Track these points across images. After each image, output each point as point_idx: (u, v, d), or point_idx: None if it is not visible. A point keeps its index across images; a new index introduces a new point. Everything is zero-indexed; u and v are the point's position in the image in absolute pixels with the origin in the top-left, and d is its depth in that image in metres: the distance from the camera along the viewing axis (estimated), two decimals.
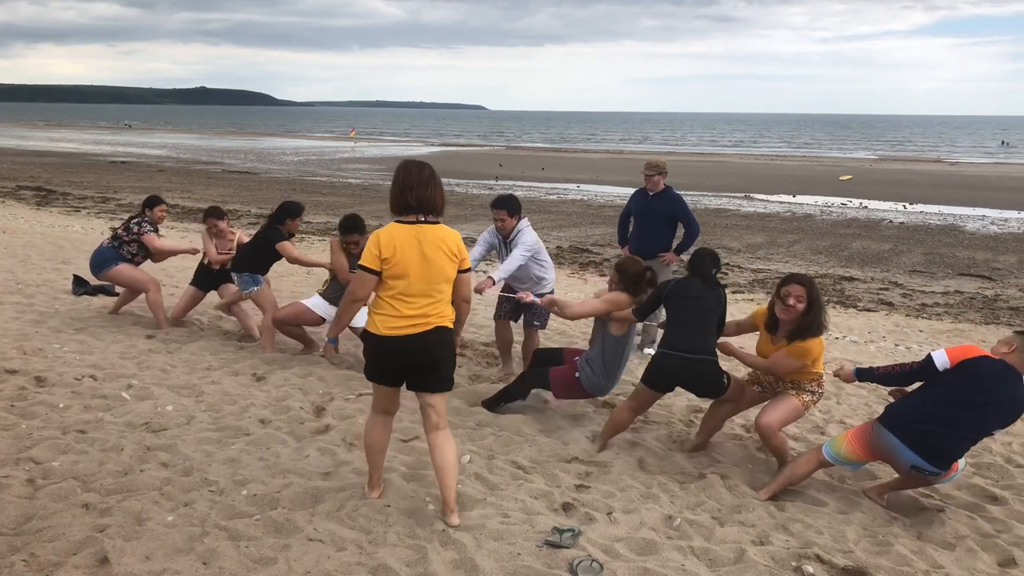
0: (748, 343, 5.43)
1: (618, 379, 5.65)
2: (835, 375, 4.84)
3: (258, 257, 7.05)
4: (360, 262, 3.92)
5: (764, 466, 5.08)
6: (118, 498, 4.11)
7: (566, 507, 4.27)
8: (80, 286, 8.94)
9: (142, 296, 7.82)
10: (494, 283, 6.26)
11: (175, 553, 3.61)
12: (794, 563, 3.83)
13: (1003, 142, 74.62)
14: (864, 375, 4.63)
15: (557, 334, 8.27)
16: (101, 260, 7.51)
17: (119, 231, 7.64)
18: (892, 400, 4.72)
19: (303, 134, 79.21)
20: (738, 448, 5.39)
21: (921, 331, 10.07)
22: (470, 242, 16.33)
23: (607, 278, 6.00)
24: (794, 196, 26.82)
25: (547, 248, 7.04)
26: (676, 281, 5.19)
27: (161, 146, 50.91)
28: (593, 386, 5.55)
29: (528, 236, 6.35)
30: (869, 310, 11.36)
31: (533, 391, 5.90)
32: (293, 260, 6.96)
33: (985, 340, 9.73)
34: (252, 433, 5.10)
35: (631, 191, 8.15)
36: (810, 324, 4.77)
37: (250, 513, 4.01)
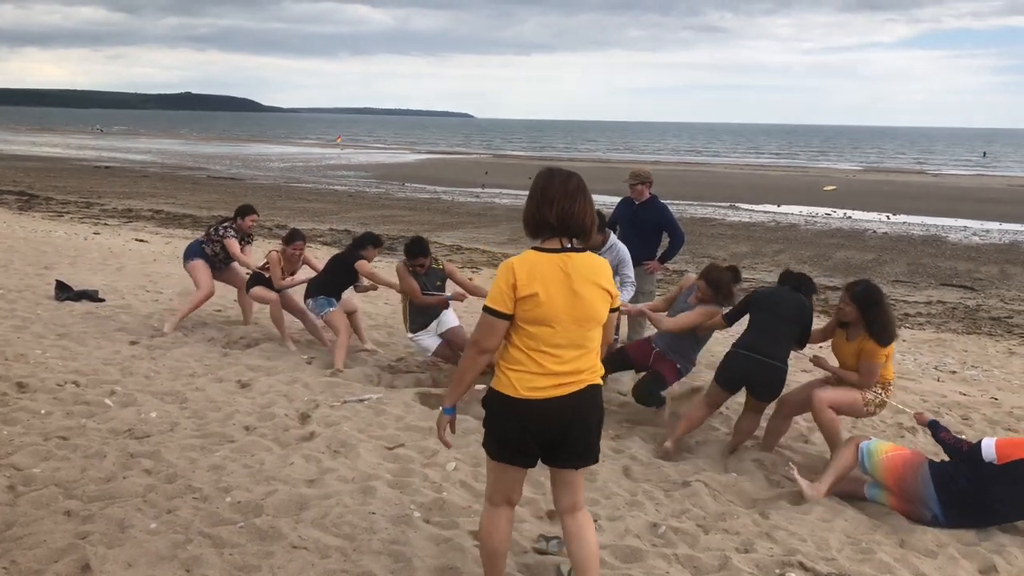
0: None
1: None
2: (914, 416, 5.18)
3: (333, 279, 7.32)
4: (487, 303, 3.04)
5: (749, 475, 5.10)
6: (100, 505, 4.07)
7: (552, 515, 4.27)
8: (63, 291, 8.87)
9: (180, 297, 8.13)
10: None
11: (158, 560, 3.59)
12: (778, 570, 3.85)
13: (983, 153, 75.51)
14: (933, 428, 4.90)
15: None
16: (188, 251, 8.03)
17: (210, 230, 8.07)
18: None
19: (289, 140, 79.03)
20: (723, 455, 5.40)
21: (904, 340, 10.15)
22: (471, 249, 16.23)
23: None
24: (779, 206, 27.01)
25: None
26: (764, 289, 5.71)
27: (145, 151, 50.61)
28: (686, 371, 6.08)
29: (626, 254, 6.64)
30: None
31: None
32: (369, 276, 7.28)
33: (967, 350, 9.83)
34: (236, 440, 5.07)
35: (617, 200, 8.18)
36: (873, 330, 5.11)
37: (234, 520, 3.99)
